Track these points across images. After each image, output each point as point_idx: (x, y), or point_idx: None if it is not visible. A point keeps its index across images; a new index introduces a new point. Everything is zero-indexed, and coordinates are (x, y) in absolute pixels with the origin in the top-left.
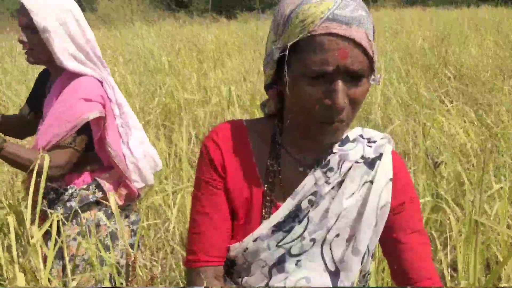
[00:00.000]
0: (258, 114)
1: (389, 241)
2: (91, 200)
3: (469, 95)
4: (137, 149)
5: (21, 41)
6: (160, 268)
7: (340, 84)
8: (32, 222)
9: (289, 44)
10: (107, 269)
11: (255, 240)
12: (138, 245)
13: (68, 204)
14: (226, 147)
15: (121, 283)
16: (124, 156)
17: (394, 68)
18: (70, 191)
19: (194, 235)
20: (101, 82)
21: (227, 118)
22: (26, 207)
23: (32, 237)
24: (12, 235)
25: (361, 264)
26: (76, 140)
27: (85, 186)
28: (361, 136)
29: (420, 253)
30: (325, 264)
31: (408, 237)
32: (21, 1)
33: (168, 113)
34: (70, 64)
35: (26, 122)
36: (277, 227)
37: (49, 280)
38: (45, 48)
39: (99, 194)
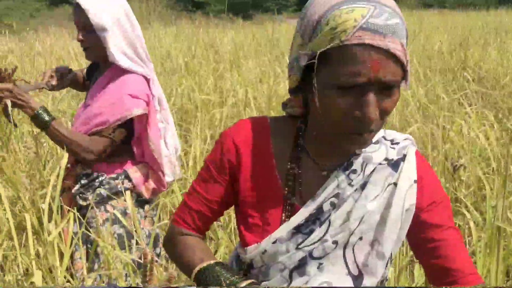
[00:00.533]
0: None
1: (423, 240)
2: (119, 189)
3: (488, 98)
4: (171, 143)
5: (79, 40)
6: (175, 266)
7: (371, 96)
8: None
9: (318, 52)
10: (120, 268)
11: (274, 242)
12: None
13: (97, 191)
14: (245, 148)
15: (137, 283)
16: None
17: (412, 71)
18: (100, 178)
19: (183, 202)
20: (147, 80)
21: None
22: (53, 200)
23: (49, 234)
24: (29, 233)
25: (385, 268)
26: (116, 132)
27: (114, 176)
28: (384, 137)
29: (459, 248)
30: (348, 268)
31: (445, 233)
32: (77, 1)
33: (184, 113)
34: (122, 61)
35: (83, 80)
36: (297, 230)
37: (71, 276)
38: (102, 45)
39: (128, 185)
